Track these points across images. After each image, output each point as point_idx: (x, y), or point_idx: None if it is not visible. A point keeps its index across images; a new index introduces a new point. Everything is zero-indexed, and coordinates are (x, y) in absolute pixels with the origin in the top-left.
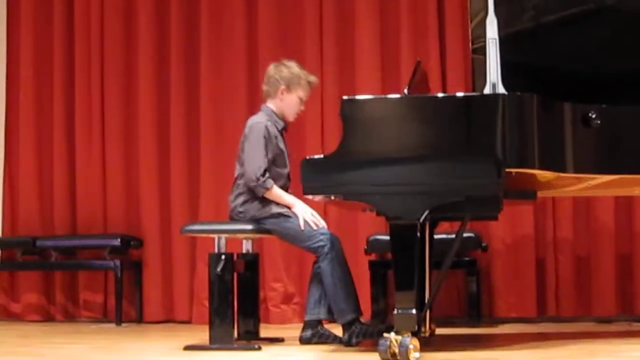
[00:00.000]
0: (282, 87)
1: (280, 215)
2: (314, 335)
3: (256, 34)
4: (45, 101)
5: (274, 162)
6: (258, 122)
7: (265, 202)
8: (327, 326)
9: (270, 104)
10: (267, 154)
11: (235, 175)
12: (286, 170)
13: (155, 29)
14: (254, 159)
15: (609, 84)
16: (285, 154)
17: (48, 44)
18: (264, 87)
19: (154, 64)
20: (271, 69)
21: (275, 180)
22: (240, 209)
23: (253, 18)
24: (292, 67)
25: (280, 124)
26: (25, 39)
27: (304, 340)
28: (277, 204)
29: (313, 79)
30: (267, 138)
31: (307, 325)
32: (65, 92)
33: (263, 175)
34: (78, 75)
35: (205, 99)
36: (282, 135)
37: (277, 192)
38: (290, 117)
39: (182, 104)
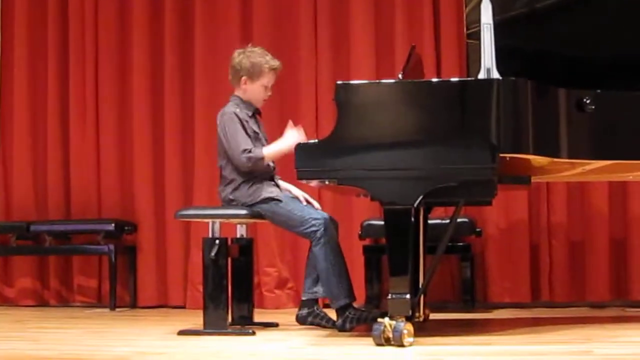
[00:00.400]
0: (244, 77)
1: (271, 199)
2: (310, 314)
3: (251, 19)
4: (38, 85)
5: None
6: (226, 111)
7: (254, 187)
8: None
9: (237, 93)
10: (246, 135)
11: (219, 165)
12: None
13: (150, 12)
14: (236, 143)
15: (603, 69)
16: (262, 136)
17: (42, 28)
18: (229, 76)
19: (148, 50)
20: (234, 57)
21: None
22: (231, 197)
23: (248, 3)
24: (253, 56)
25: (251, 109)
26: (19, 20)
27: (299, 319)
28: (269, 188)
29: (276, 64)
30: (239, 122)
31: (303, 305)
32: (59, 76)
33: (250, 151)
34: (72, 59)
35: (200, 83)
36: (255, 119)
37: (270, 152)
38: (258, 104)
39: (176, 88)
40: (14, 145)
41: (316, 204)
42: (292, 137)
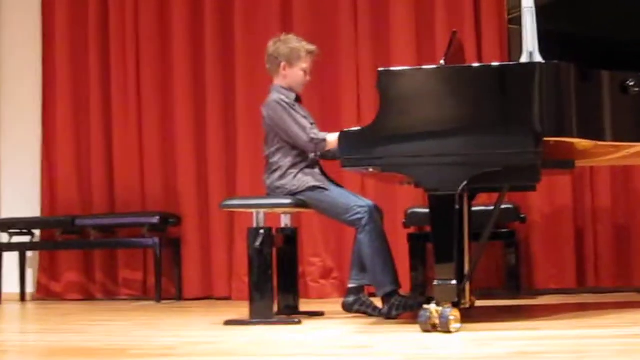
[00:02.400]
0: (283, 63)
1: (316, 188)
2: (356, 301)
3: (290, 8)
4: (81, 80)
5: None
6: (272, 100)
7: (301, 175)
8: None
9: (277, 82)
10: (299, 115)
11: (265, 154)
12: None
13: (190, 6)
14: (295, 127)
15: None
16: (309, 119)
17: (83, 24)
18: (267, 66)
19: (189, 41)
20: (269, 47)
21: None
22: (277, 184)
23: None
24: (289, 42)
25: (292, 96)
26: (60, 15)
27: (346, 306)
28: (314, 177)
29: (312, 48)
30: (289, 107)
31: (350, 292)
32: (102, 70)
33: (311, 132)
34: (113, 52)
35: (241, 74)
36: (298, 104)
37: (334, 138)
38: (299, 90)
39: (218, 80)
40: (58, 141)
41: None
42: None
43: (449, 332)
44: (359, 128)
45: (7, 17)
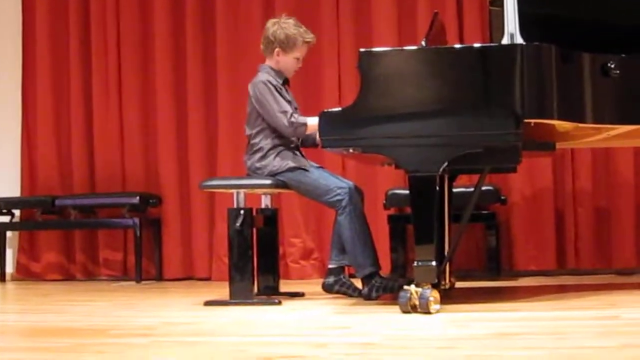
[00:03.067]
0: (277, 49)
1: (297, 169)
2: (336, 282)
3: None
4: (61, 59)
5: None
6: (260, 80)
7: (282, 156)
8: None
9: (268, 62)
10: (284, 100)
11: (247, 134)
12: None
13: None
14: (276, 110)
15: (628, 34)
16: (294, 104)
17: (64, 3)
18: (261, 46)
19: (170, 20)
20: (268, 27)
21: None
22: (258, 165)
23: None
24: (287, 28)
25: (281, 79)
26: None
27: (326, 287)
28: (295, 158)
29: (310, 37)
30: (275, 89)
31: (330, 273)
32: (82, 49)
33: (292, 116)
34: (94, 34)
35: (222, 54)
36: (284, 88)
37: (314, 122)
38: (289, 75)
39: (198, 60)
40: (38, 120)
41: None
42: None
43: (428, 313)
44: (339, 109)
45: None
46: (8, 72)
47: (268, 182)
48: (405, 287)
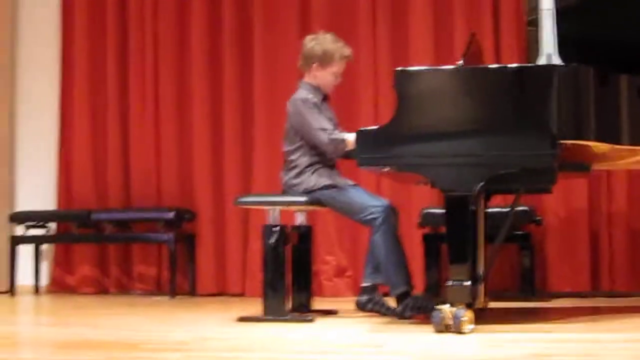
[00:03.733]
0: (315, 64)
1: (333, 186)
2: (370, 301)
3: (309, 5)
4: (99, 74)
5: None
6: (300, 97)
7: (318, 174)
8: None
9: (307, 79)
10: (323, 117)
11: (284, 150)
12: None
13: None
14: (316, 126)
15: None
16: (334, 121)
17: (102, 16)
18: (299, 63)
19: (207, 34)
20: (306, 43)
21: None
22: (294, 182)
23: None
24: (325, 43)
25: (320, 95)
26: (80, 11)
27: (359, 305)
28: (330, 176)
29: (347, 52)
30: (314, 106)
31: (363, 291)
32: (119, 66)
33: (332, 133)
34: (131, 48)
35: (259, 70)
36: (324, 105)
37: (353, 138)
38: (327, 90)
39: (235, 75)
40: (75, 135)
41: None
42: None
43: (462, 333)
44: (376, 127)
45: (26, 11)
46: (46, 86)
47: (303, 199)
48: (439, 306)
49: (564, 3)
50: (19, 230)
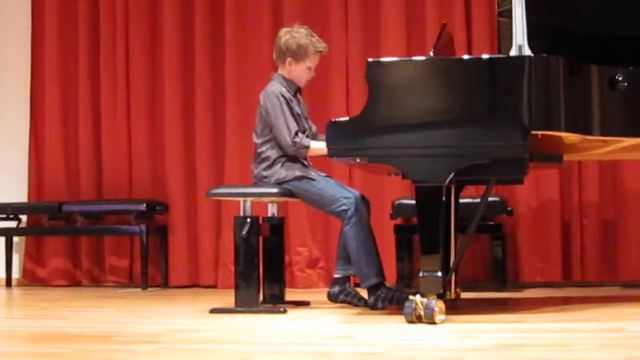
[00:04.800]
0: (289, 58)
1: (303, 178)
2: (342, 292)
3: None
4: (70, 66)
5: None
6: (272, 91)
7: (288, 165)
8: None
9: (281, 71)
10: (292, 116)
11: (255, 142)
12: (305, 135)
13: None
14: (283, 126)
15: (636, 46)
16: (303, 118)
17: (73, 9)
18: (274, 55)
19: (178, 28)
20: (280, 36)
21: None
22: (264, 174)
23: None
24: (300, 37)
25: (293, 88)
26: (50, 3)
27: (331, 296)
28: (301, 167)
29: (322, 47)
30: (286, 103)
31: (335, 282)
32: (90, 56)
33: (296, 136)
34: (103, 40)
35: (230, 62)
36: (296, 98)
37: (315, 147)
38: (301, 84)
39: (206, 67)
40: (46, 126)
41: None
42: None
43: (433, 323)
44: (347, 118)
45: None
46: (17, 78)
47: (275, 190)
48: (411, 297)
49: None
50: None
